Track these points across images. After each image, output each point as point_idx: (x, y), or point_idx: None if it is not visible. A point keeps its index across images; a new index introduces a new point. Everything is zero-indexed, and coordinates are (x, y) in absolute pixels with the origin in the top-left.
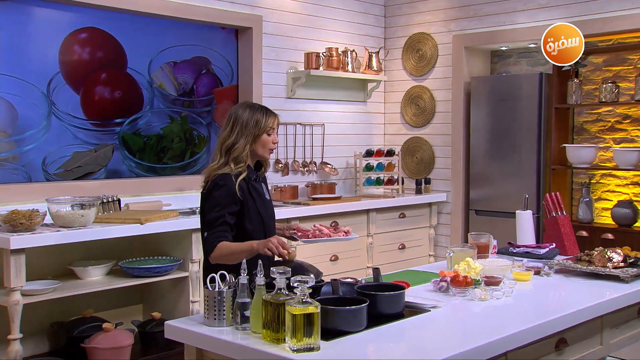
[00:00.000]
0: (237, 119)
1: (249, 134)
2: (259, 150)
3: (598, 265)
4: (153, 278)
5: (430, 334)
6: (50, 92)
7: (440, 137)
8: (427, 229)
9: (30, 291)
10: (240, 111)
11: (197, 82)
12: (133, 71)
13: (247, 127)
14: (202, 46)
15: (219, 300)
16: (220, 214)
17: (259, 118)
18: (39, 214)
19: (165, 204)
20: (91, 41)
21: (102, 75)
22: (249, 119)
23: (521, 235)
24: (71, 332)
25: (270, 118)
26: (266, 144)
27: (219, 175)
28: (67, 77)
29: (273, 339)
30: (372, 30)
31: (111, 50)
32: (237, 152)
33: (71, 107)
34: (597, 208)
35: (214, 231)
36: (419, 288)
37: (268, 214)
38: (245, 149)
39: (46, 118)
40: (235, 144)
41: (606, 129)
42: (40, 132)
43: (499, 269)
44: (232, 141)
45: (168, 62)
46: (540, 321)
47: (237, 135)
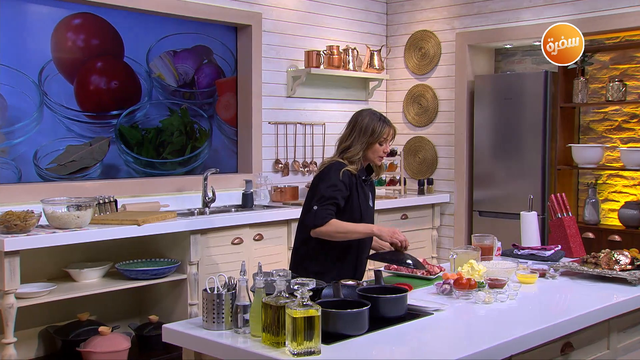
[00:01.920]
0: (357, 124)
1: (364, 141)
2: (370, 155)
3: (605, 267)
4: (151, 280)
5: (433, 338)
6: (42, 81)
7: (444, 137)
8: (430, 231)
9: (24, 294)
10: (361, 117)
11: (198, 73)
12: (130, 60)
13: (364, 134)
14: (203, 35)
15: (218, 303)
16: (334, 195)
17: (375, 127)
18: (33, 215)
19: (163, 205)
20: (86, 28)
21: (98, 64)
22: (367, 126)
23: (526, 237)
24: (66, 336)
25: (386, 129)
26: (376, 152)
27: (336, 161)
28: (60, 66)
29: (273, 342)
30: (374, 27)
31: (107, 38)
32: (351, 154)
33: (64, 98)
34: (604, 209)
35: (326, 207)
36: (421, 291)
37: (368, 215)
38: (359, 153)
39: (38, 109)
40: (351, 146)
41: (613, 129)
42: (31, 124)
43: (503, 272)
44: (348, 144)
45: (168, 51)
46: (546, 325)
47: (354, 140)
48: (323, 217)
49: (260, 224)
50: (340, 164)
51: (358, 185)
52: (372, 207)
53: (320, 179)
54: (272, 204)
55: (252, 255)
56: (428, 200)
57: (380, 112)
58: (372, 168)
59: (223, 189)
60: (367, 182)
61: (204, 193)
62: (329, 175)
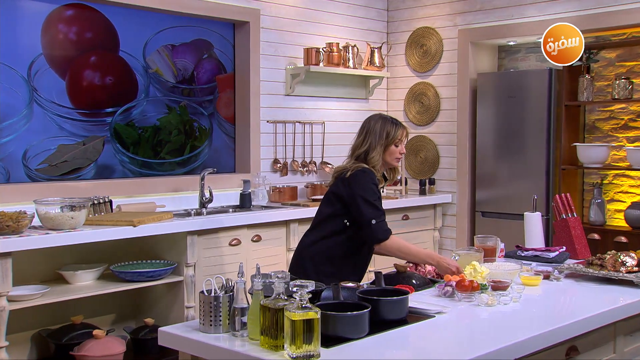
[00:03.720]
0: (370, 130)
1: (380, 145)
2: (387, 158)
3: (610, 269)
4: (146, 283)
5: (435, 341)
6: (32, 76)
7: (445, 136)
8: (432, 232)
9: (17, 297)
10: (373, 122)
11: (198, 68)
12: (126, 54)
13: (379, 138)
14: (203, 28)
15: (215, 305)
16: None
17: (389, 130)
18: (26, 216)
19: (159, 205)
20: (79, 19)
21: (91, 59)
22: (381, 130)
23: (530, 238)
24: (60, 340)
25: (400, 130)
26: (393, 154)
27: (367, 168)
28: (51, 60)
29: (271, 345)
30: (375, 24)
31: (101, 30)
32: (374, 162)
33: (56, 94)
34: (610, 210)
35: (384, 220)
36: (423, 293)
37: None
38: (380, 159)
39: (27, 106)
40: (369, 152)
41: (619, 127)
42: (20, 122)
43: (506, 273)
44: (364, 149)
45: (166, 45)
46: (550, 328)
47: (370, 145)
48: (386, 230)
49: (259, 225)
50: (371, 171)
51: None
52: None
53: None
54: (271, 204)
55: (250, 257)
56: (429, 200)
57: (390, 115)
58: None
59: (220, 189)
60: (382, 189)
61: (201, 193)
62: (365, 180)
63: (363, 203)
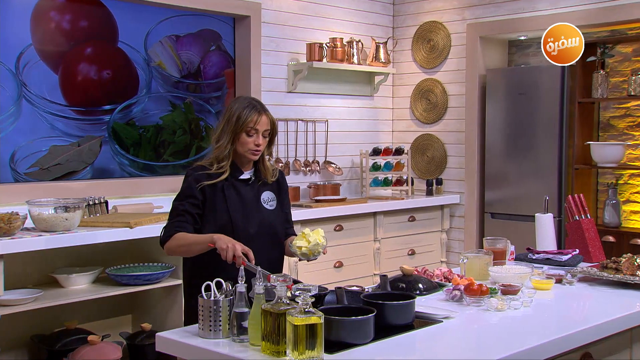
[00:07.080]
0: (226, 113)
1: (230, 131)
2: (240, 149)
3: (626, 273)
4: (143, 286)
5: (442, 347)
6: (21, 69)
7: (453, 135)
8: (439, 234)
9: (9, 301)
10: (232, 103)
11: (204, 61)
12: (126, 46)
13: (230, 123)
14: (210, 17)
15: (215, 310)
16: (181, 204)
17: (240, 113)
18: (19, 217)
19: (156, 206)
20: (72, 6)
21: (87, 50)
22: (233, 114)
23: (541, 240)
24: (53, 346)
25: (254, 116)
26: (245, 144)
27: (192, 166)
28: (41, 52)
29: (273, 351)
30: (380, 19)
31: (98, 19)
32: (219, 151)
33: (47, 90)
34: (625, 211)
35: (174, 220)
36: (430, 297)
37: (247, 219)
38: (227, 147)
39: (15, 103)
40: (219, 140)
41: (635, 125)
42: (7, 121)
43: (516, 277)
44: (216, 136)
45: (169, 36)
46: (563, 334)
47: (221, 131)
48: (168, 232)
49: None
50: (195, 169)
51: (225, 187)
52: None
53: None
54: None
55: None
56: (437, 201)
57: (255, 98)
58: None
59: None
60: (249, 182)
61: None
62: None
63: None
